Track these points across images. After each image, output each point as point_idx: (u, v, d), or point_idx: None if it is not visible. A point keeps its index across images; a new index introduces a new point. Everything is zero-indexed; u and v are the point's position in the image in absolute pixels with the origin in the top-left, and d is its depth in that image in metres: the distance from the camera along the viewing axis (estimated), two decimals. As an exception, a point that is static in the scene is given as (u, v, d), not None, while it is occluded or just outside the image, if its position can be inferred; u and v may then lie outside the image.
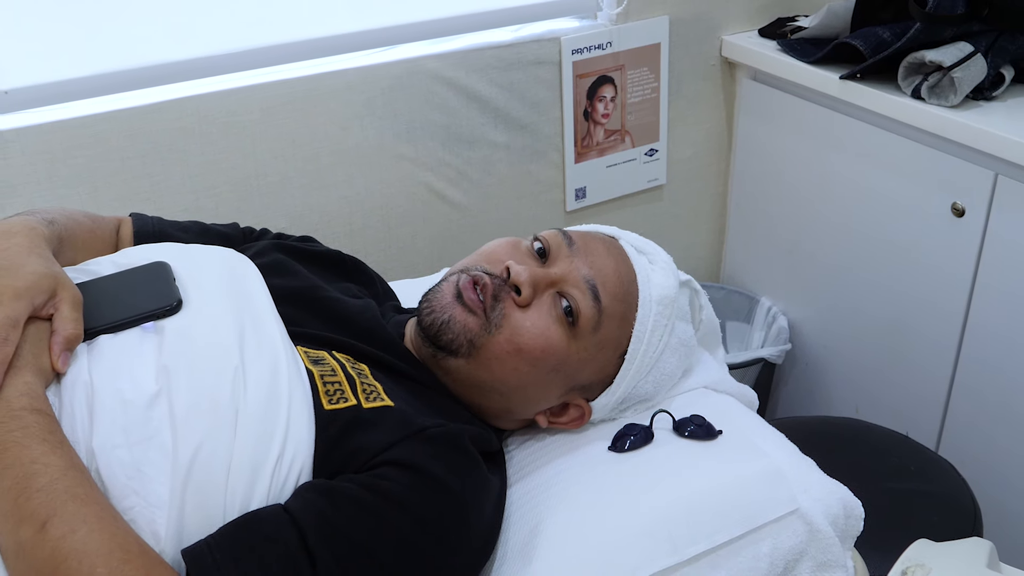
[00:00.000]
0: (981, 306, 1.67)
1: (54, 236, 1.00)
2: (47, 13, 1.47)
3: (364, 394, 0.94)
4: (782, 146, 2.01)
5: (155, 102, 1.55)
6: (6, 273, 0.87)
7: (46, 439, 0.79)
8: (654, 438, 1.07)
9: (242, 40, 1.61)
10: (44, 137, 1.49)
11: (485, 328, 1.00)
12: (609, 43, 1.90)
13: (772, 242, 2.11)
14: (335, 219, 1.76)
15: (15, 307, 0.84)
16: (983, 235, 1.63)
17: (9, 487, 0.77)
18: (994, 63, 1.63)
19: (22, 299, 0.85)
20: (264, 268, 1.05)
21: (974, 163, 1.61)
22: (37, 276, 0.87)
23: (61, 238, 1.02)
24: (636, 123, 2.00)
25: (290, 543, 0.81)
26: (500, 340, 1.00)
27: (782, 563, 0.98)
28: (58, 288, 0.89)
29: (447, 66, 1.76)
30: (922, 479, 1.53)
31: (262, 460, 0.85)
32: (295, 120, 1.66)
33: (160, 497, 0.80)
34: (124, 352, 0.88)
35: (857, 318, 1.94)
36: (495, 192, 1.90)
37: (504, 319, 1.01)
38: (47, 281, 0.88)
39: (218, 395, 0.86)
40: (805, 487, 1.02)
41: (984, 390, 1.70)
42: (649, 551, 0.94)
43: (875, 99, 1.73)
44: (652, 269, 1.11)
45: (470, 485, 0.92)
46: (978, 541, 1.04)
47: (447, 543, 0.88)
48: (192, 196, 1.62)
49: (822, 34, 1.90)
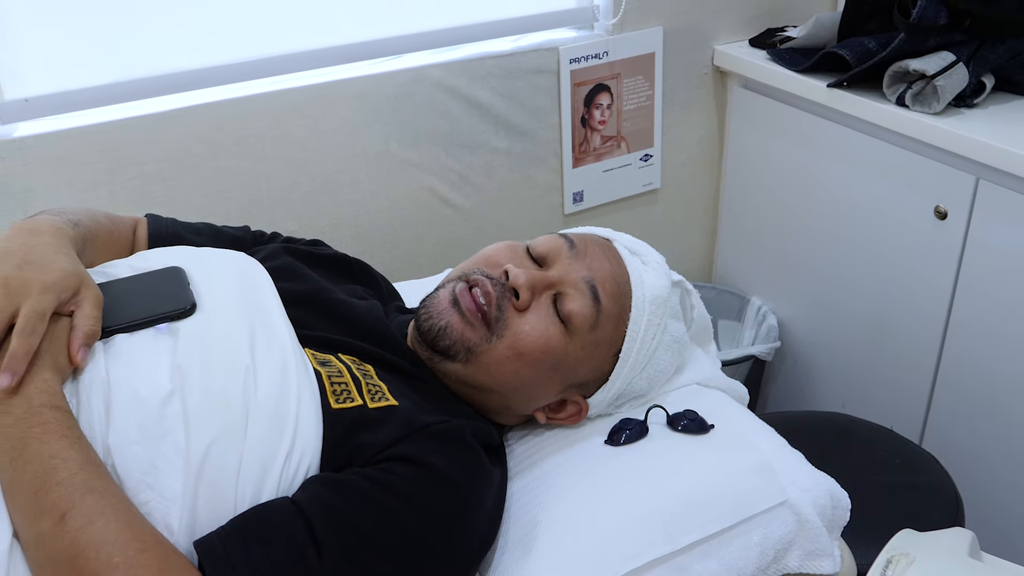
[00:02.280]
0: (963, 305, 1.67)
1: (79, 238, 1.00)
2: (66, 25, 1.47)
3: (369, 394, 0.94)
4: (772, 151, 2.01)
5: (170, 109, 1.55)
6: (35, 267, 0.87)
7: (64, 435, 0.79)
8: (649, 432, 1.07)
9: (253, 50, 1.62)
10: (63, 143, 1.49)
11: (485, 339, 1.00)
12: (605, 52, 1.90)
13: (762, 244, 2.11)
14: (343, 222, 1.76)
15: (43, 300, 0.85)
16: (965, 237, 1.63)
17: (29, 481, 0.77)
18: (975, 72, 1.63)
19: (49, 293, 0.85)
20: (274, 272, 1.06)
21: (956, 168, 1.61)
22: (64, 273, 0.88)
23: (85, 240, 1.02)
24: (631, 129, 2.00)
25: (298, 534, 0.81)
26: (501, 348, 1.00)
27: (772, 552, 0.99)
28: (82, 287, 0.89)
29: (450, 75, 1.76)
30: (906, 471, 1.53)
31: (271, 457, 0.85)
32: (304, 127, 1.66)
33: (174, 492, 0.81)
34: (140, 352, 0.88)
35: (844, 316, 1.94)
36: (496, 196, 1.90)
37: (505, 329, 1.00)
38: (72, 279, 0.88)
39: (230, 395, 0.86)
40: (794, 479, 1.02)
41: (966, 386, 1.70)
42: (644, 540, 0.94)
43: (861, 106, 1.73)
44: (645, 270, 1.11)
45: (472, 478, 0.92)
46: (960, 531, 1.04)
47: (450, 534, 0.88)
48: (205, 200, 1.62)
49: (810, 44, 1.90)
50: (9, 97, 1.47)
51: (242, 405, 0.86)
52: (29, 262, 0.87)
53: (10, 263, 0.87)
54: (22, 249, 0.89)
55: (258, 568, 0.78)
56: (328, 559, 0.80)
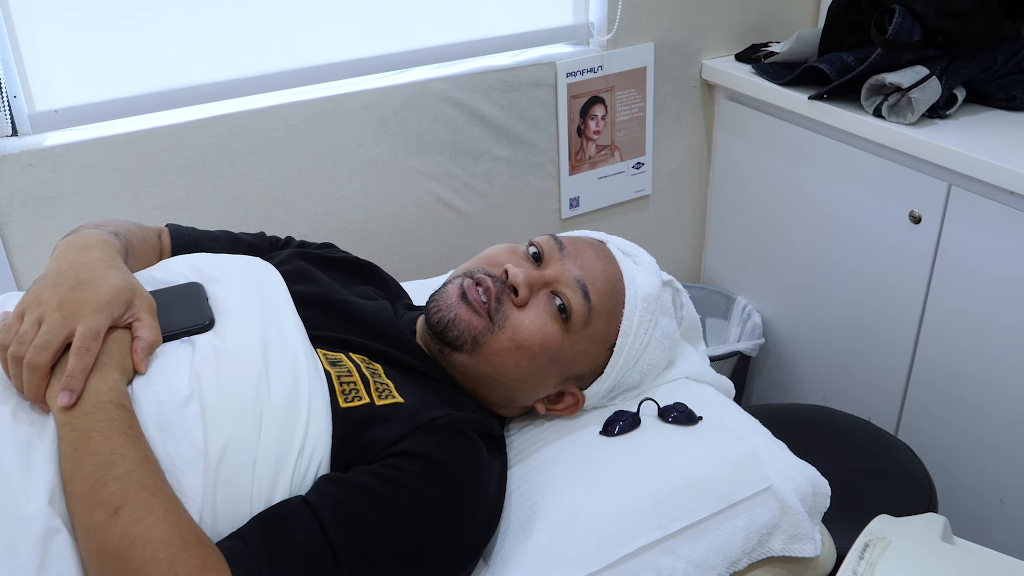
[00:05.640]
0: (936, 304, 1.67)
1: (122, 248, 1.00)
2: (92, 41, 1.47)
3: (377, 392, 0.94)
4: (757, 160, 2.01)
5: (191, 120, 1.55)
6: (88, 287, 0.87)
7: (126, 432, 0.80)
8: (641, 424, 1.07)
9: (269, 64, 1.62)
10: (90, 152, 1.49)
11: (489, 328, 1.00)
12: (600, 67, 1.90)
13: (747, 246, 2.11)
14: (353, 225, 1.76)
15: (97, 319, 0.85)
16: (938, 240, 1.63)
17: (88, 472, 0.77)
18: (948, 85, 1.63)
19: (103, 312, 0.85)
20: (287, 275, 1.06)
21: (930, 175, 1.61)
22: (116, 289, 0.88)
23: (126, 249, 1.02)
24: (624, 139, 2.00)
25: (312, 534, 0.81)
26: (502, 339, 1.00)
27: (757, 536, 0.99)
28: (135, 298, 0.89)
29: (454, 87, 1.76)
30: (883, 460, 1.53)
31: (284, 455, 0.85)
32: (317, 136, 1.66)
33: (193, 489, 0.81)
34: (160, 359, 0.88)
35: (824, 315, 1.94)
36: (497, 201, 1.90)
37: (506, 320, 1.01)
38: (125, 293, 0.88)
39: (243, 396, 0.86)
40: (777, 467, 1.02)
41: (938, 380, 1.71)
42: (637, 526, 0.94)
43: (840, 117, 1.73)
44: (637, 269, 1.11)
45: (473, 469, 0.93)
46: (933, 516, 1.04)
47: (454, 523, 0.88)
48: (223, 205, 1.62)
49: (792, 58, 1.90)
50: (40, 108, 1.47)
51: (256, 407, 0.86)
52: (82, 282, 0.87)
53: (64, 284, 0.87)
54: (74, 269, 0.89)
55: (280, 569, 0.78)
56: (341, 555, 0.80)
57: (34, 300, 0.86)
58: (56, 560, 0.76)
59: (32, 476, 0.78)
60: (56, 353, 0.83)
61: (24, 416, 0.82)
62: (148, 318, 0.88)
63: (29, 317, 0.84)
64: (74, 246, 0.94)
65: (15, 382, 0.83)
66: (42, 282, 0.88)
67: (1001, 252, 1.53)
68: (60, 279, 0.88)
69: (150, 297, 0.91)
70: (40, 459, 0.79)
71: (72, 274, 0.88)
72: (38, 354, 0.82)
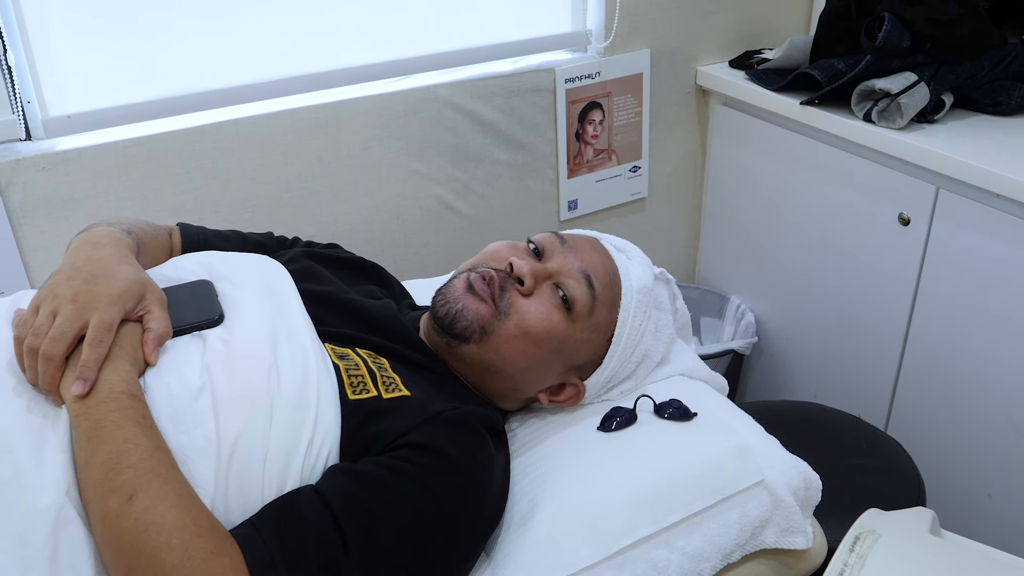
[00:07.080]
0: (924, 303, 1.67)
1: (134, 245, 1.01)
2: (105, 49, 1.48)
3: (384, 386, 0.94)
4: (750, 164, 2.01)
5: (200, 125, 1.56)
6: (101, 281, 0.87)
7: (139, 422, 0.80)
8: (637, 420, 1.07)
9: (276, 71, 1.62)
10: (102, 155, 1.49)
11: (496, 316, 1.00)
12: (598, 73, 1.90)
13: (741, 248, 2.11)
14: (357, 227, 1.76)
15: (110, 312, 0.85)
16: (926, 241, 1.63)
17: (103, 461, 0.77)
18: (936, 90, 1.63)
19: (116, 305, 0.86)
20: (296, 274, 1.06)
21: (918, 178, 1.61)
22: (128, 283, 0.88)
23: (138, 246, 1.02)
24: (621, 143, 2.01)
25: (323, 522, 0.81)
26: (509, 325, 1.00)
27: (750, 529, 0.99)
28: (146, 292, 0.89)
29: (455, 93, 1.76)
30: (873, 456, 1.53)
31: (295, 445, 0.85)
32: (322, 140, 1.67)
33: (206, 479, 0.81)
34: (171, 353, 0.88)
35: (816, 314, 1.94)
36: (498, 204, 1.90)
37: (511, 307, 1.01)
38: (137, 287, 0.89)
39: (255, 389, 0.86)
40: (770, 462, 1.03)
41: (927, 377, 1.71)
42: (634, 519, 0.95)
43: (831, 122, 1.73)
44: (631, 264, 1.12)
45: (479, 460, 0.93)
46: (922, 510, 1.04)
47: (461, 514, 0.88)
48: (231, 207, 1.62)
49: (785, 65, 1.90)
50: (54, 114, 1.47)
51: (266, 399, 0.86)
52: (95, 276, 0.88)
53: (78, 278, 0.87)
54: (87, 264, 0.90)
55: (292, 556, 0.78)
56: (351, 544, 0.81)
57: (49, 294, 0.86)
58: (68, 550, 0.76)
59: (44, 466, 0.78)
60: (71, 344, 0.83)
61: (37, 408, 0.82)
62: (159, 311, 0.89)
63: (44, 310, 0.84)
64: (88, 242, 0.95)
65: (30, 374, 0.83)
66: (56, 277, 0.89)
67: (987, 253, 1.53)
68: (74, 273, 0.88)
69: (161, 291, 0.91)
70: (53, 449, 0.79)
71: (86, 269, 0.89)
72: (53, 345, 0.82)
